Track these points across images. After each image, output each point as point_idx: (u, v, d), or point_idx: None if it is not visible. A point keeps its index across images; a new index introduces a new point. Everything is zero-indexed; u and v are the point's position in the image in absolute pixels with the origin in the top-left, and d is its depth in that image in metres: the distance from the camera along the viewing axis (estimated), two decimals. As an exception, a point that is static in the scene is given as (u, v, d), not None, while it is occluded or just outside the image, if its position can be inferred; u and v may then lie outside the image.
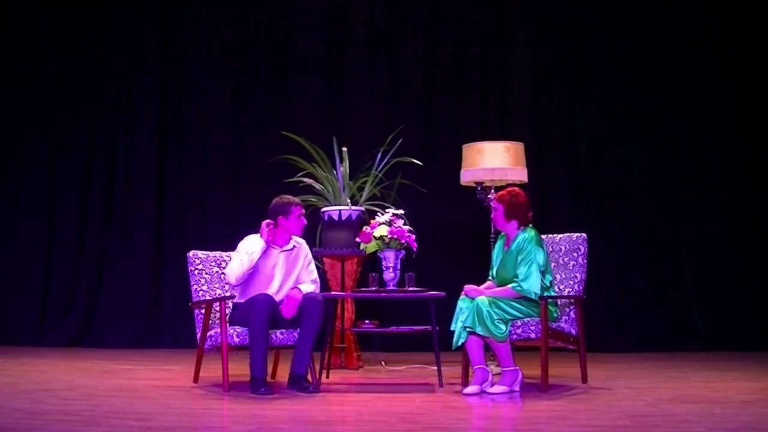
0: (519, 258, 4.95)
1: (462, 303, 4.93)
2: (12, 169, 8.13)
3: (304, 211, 5.23)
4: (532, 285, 4.87)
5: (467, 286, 5.01)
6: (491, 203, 5.29)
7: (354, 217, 6.16)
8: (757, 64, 7.85)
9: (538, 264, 4.91)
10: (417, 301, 5.54)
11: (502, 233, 5.17)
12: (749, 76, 7.87)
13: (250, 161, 8.01)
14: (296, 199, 5.24)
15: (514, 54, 8.09)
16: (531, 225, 5.09)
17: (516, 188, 5.21)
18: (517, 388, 4.88)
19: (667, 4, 8.02)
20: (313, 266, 5.30)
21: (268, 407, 4.40)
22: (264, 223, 5.11)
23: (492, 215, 5.20)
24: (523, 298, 4.89)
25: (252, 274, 5.08)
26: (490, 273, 5.20)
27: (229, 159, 8.14)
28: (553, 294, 5.04)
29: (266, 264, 5.12)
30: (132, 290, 7.96)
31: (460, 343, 4.90)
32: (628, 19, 8.06)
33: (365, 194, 6.54)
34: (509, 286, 4.93)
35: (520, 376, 4.93)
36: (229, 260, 5.39)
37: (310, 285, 5.16)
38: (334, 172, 6.51)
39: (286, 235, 5.17)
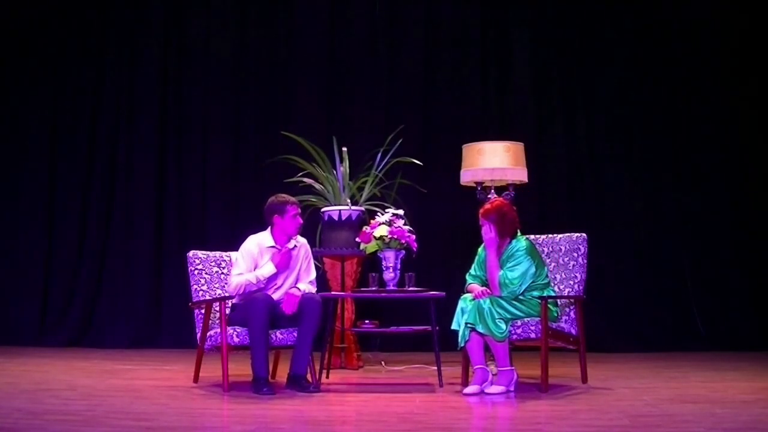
0: (507, 264, 4.95)
1: (463, 303, 4.93)
2: (12, 168, 8.12)
3: (299, 210, 5.21)
4: (513, 287, 4.87)
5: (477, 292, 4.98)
6: (481, 220, 5.00)
7: (354, 217, 6.16)
8: (758, 65, 7.85)
9: (524, 274, 4.90)
10: (417, 301, 5.54)
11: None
12: (749, 77, 7.86)
13: (250, 161, 8.01)
14: (292, 198, 5.22)
15: (514, 54, 8.09)
16: (520, 233, 5.05)
17: (500, 201, 5.16)
18: (512, 388, 4.88)
19: (668, 4, 8.02)
20: (312, 267, 5.30)
21: (268, 407, 4.40)
22: (282, 251, 5.09)
23: (484, 235, 4.99)
24: (522, 299, 4.91)
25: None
26: (475, 279, 5.10)
27: (229, 159, 8.13)
28: (552, 294, 5.04)
29: (268, 263, 5.10)
30: (132, 290, 7.96)
31: (464, 343, 4.89)
32: (629, 18, 8.06)
33: (365, 194, 6.54)
34: (498, 273, 4.92)
35: (515, 377, 4.92)
36: (229, 260, 5.40)
37: (307, 285, 5.16)
38: (334, 172, 6.50)
39: (283, 234, 5.15)
